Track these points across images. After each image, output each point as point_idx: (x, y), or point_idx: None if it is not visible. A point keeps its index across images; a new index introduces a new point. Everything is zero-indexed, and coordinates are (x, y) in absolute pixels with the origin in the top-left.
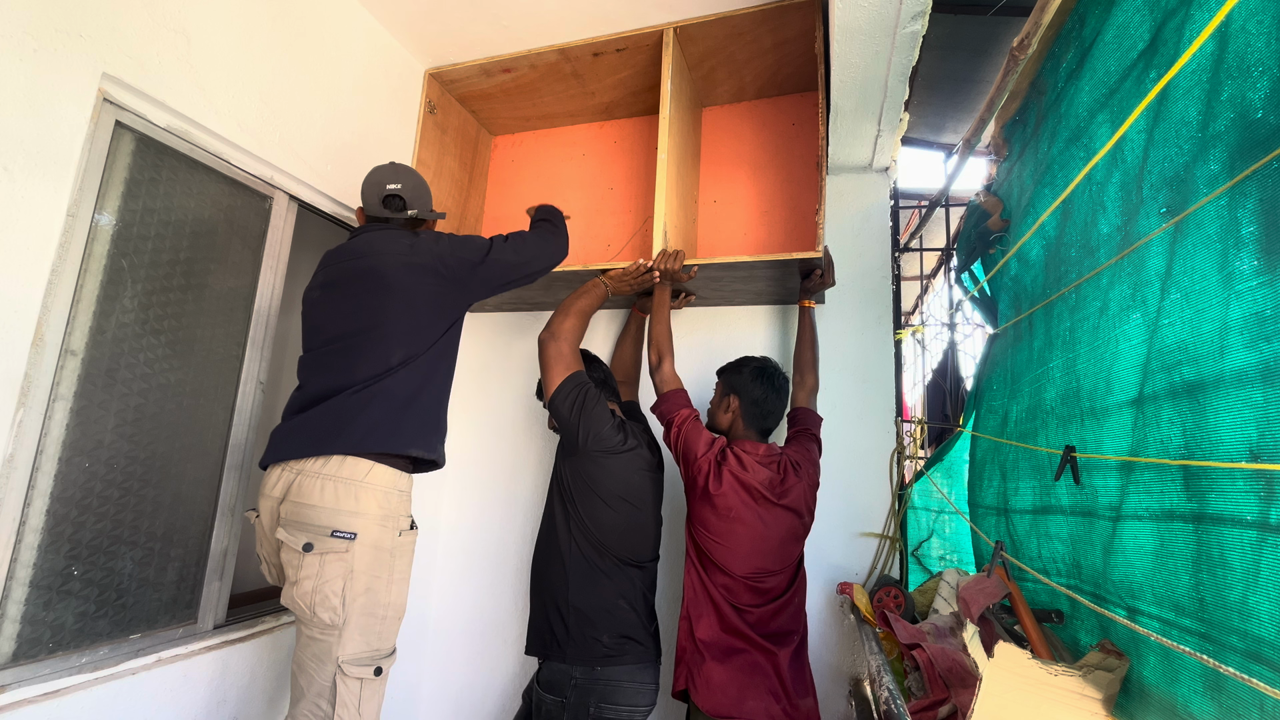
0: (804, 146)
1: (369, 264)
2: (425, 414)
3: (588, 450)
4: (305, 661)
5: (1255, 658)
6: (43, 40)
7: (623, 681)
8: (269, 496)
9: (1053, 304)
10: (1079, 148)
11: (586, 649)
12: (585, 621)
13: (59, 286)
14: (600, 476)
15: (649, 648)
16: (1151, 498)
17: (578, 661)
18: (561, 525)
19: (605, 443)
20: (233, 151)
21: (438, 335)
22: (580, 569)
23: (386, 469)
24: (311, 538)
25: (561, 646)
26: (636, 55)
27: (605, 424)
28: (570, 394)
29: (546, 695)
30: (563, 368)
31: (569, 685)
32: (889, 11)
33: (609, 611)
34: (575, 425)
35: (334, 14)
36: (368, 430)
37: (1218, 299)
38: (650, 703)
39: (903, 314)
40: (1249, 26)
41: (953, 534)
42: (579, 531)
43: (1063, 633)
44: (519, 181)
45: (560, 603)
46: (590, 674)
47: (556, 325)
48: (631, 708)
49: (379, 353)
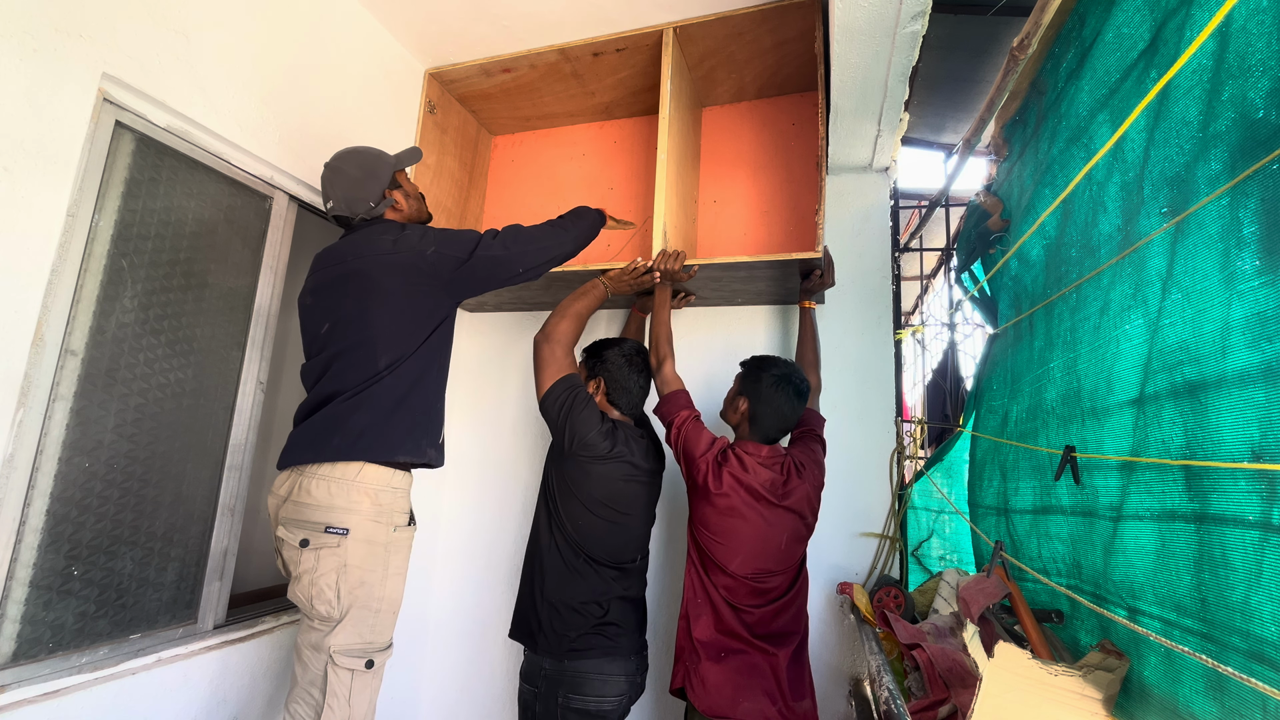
0: (804, 146)
1: (352, 267)
2: (414, 417)
3: (573, 453)
4: (302, 649)
5: (1258, 658)
6: (43, 40)
7: (590, 674)
8: (275, 494)
9: (1053, 304)
10: (1079, 147)
11: (555, 643)
12: (556, 617)
13: (59, 286)
14: (582, 480)
15: (618, 643)
16: (1153, 498)
17: (547, 653)
18: (544, 523)
19: (591, 448)
20: (233, 151)
21: (425, 335)
22: (557, 567)
23: (378, 468)
24: (307, 534)
25: (533, 638)
26: (636, 55)
27: (592, 429)
28: (560, 397)
29: (524, 685)
30: (554, 370)
31: (540, 675)
32: (889, 11)
33: (578, 610)
34: (563, 428)
35: (334, 14)
36: (356, 437)
37: (1220, 299)
38: (619, 693)
39: (903, 314)
40: (1250, 26)
41: (953, 534)
42: (558, 531)
43: (1063, 633)
44: (519, 181)
45: (538, 596)
46: (559, 666)
47: (551, 327)
48: (599, 698)
49: (367, 358)
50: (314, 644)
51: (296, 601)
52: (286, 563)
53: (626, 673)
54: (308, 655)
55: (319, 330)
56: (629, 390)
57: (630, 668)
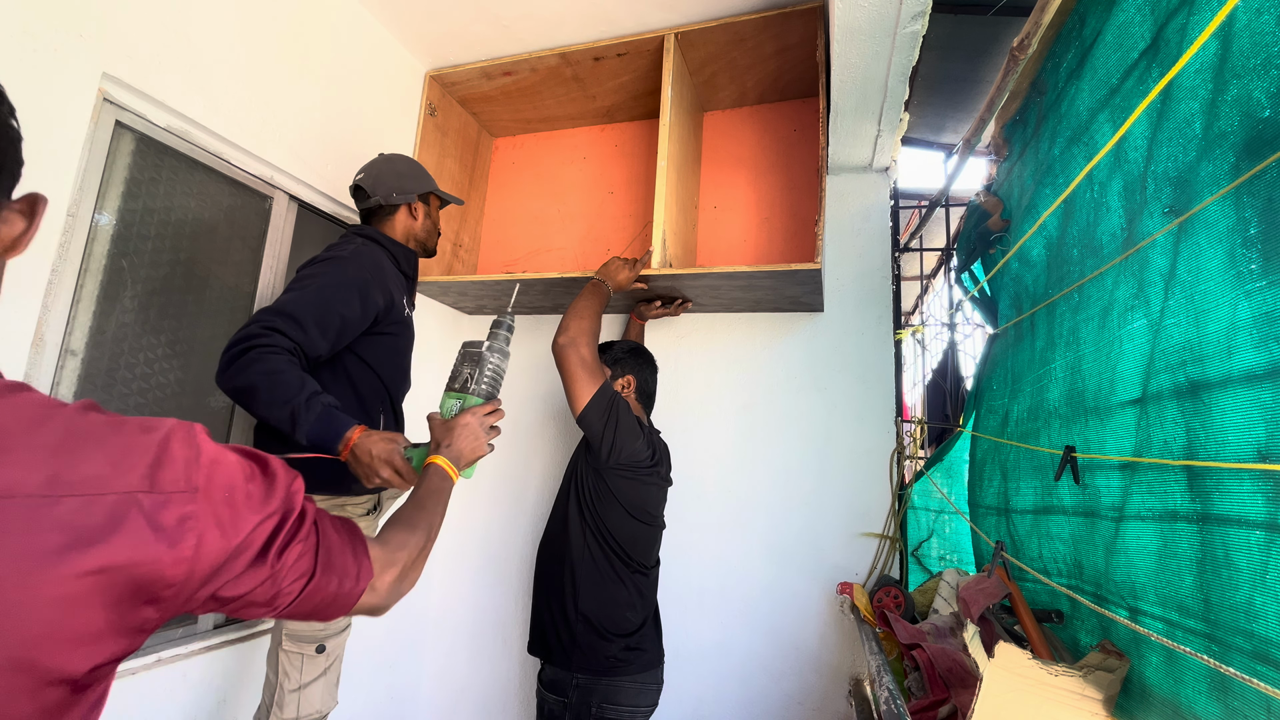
0: (805, 152)
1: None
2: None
3: (617, 464)
4: (273, 631)
5: (1262, 659)
6: (42, 40)
7: (625, 685)
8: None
9: (1055, 304)
10: (1080, 147)
11: (593, 658)
12: (593, 630)
13: (59, 286)
14: (626, 489)
15: (652, 653)
16: (1155, 498)
17: (582, 670)
18: (576, 530)
19: (636, 457)
20: (233, 151)
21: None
22: (590, 575)
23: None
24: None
25: (567, 653)
26: (637, 60)
27: (638, 439)
28: (603, 410)
29: (549, 695)
30: (586, 378)
31: (571, 686)
32: (889, 12)
33: (617, 621)
34: (609, 441)
35: (335, 14)
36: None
37: (1224, 299)
38: (652, 703)
39: (903, 314)
40: (1253, 25)
41: (953, 534)
42: (594, 537)
43: (1063, 633)
44: (519, 184)
45: (567, 608)
46: (593, 679)
47: (574, 329)
48: (633, 708)
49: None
50: (276, 627)
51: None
52: None
53: (658, 681)
54: (271, 639)
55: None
56: (649, 394)
57: (661, 675)
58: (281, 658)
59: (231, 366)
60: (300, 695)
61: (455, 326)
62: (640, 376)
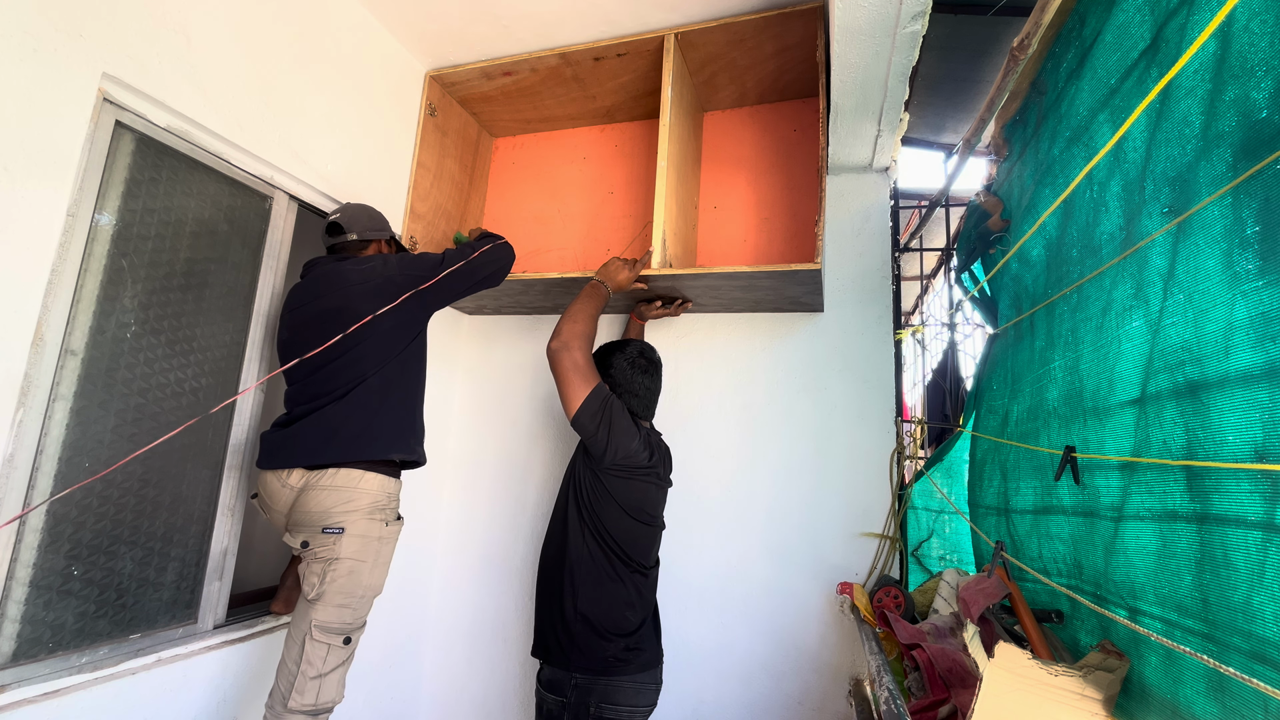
0: (805, 152)
1: (330, 303)
2: (399, 416)
3: (614, 464)
4: (295, 620)
5: (1260, 658)
6: (43, 40)
7: (624, 685)
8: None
9: (1054, 304)
10: (1080, 147)
11: (591, 658)
12: (592, 630)
13: (59, 286)
14: (621, 489)
15: (650, 652)
16: (1154, 498)
17: (580, 669)
18: (575, 530)
19: (633, 458)
20: (233, 151)
21: (402, 348)
22: (589, 576)
23: (376, 475)
24: (307, 535)
25: (565, 653)
26: (637, 60)
27: (634, 440)
28: (597, 411)
29: (548, 695)
30: (579, 381)
31: (569, 685)
32: (889, 11)
33: (617, 621)
34: (604, 442)
35: (335, 14)
36: (350, 439)
37: (1223, 299)
38: (651, 703)
39: (903, 314)
40: (1252, 26)
41: (953, 534)
42: (593, 537)
43: (1063, 633)
44: (519, 184)
45: (566, 608)
46: (592, 679)
47: (567, 333)
48: (632, 708)
49: (352, 365)
50: (301, 614)
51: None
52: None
53: (656, 681)
54: (294, 628)
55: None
56: (636, 394)
57: (659, 675)
58: (308, 646)
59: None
60: (320, 683)
61: (456, 326)
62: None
